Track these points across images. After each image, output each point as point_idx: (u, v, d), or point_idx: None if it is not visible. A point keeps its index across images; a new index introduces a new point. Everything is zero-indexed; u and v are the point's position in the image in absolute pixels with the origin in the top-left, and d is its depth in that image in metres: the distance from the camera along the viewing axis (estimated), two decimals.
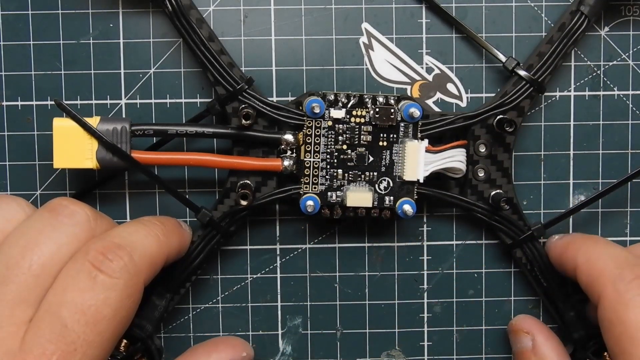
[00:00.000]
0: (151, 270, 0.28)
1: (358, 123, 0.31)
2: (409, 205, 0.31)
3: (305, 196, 0.31)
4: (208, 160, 0.31)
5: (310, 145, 0.31)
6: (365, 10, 0.34)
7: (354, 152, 0.32)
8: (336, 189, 0.32)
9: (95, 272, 0.26)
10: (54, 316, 0.25)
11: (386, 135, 0.32)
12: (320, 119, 0.31)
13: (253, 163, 0.32)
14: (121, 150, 0.30)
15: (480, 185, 0.33)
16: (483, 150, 0.33)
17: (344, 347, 0.35)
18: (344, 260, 0.35)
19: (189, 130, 0.31)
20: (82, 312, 0.25)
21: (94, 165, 0.30)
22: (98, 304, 0.25)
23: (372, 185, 0.32)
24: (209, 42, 0.31)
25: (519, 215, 0.33)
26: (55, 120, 0.30)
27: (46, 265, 0.26)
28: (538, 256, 0.33)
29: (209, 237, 0.32)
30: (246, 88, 0.31)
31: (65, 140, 0.30)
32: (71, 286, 0.25)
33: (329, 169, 0.32)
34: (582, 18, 0.32)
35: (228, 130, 0.32)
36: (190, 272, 0.32)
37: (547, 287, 0.33)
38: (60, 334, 0.25)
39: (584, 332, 0.32)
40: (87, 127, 0.30)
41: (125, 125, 0.31)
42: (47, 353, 0.24)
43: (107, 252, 0.26)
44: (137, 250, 0.27)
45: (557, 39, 0.32)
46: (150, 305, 0.32)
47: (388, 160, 0.32)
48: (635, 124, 0.34)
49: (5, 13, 0.33)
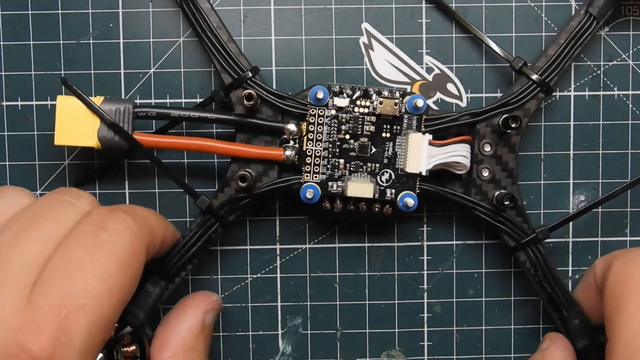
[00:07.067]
0: (152, 239, 0.28)
1: (362, 113, 0.31)
2: (411, 198, 0.31)
3: (305, 184, 0.31)
4: (209, 145, 0.31)
5: (312, 134, 0.31)
6: (365, 10, 0.34)
7: (357, 143, 0.31)
8: (337, 179, 0.31)
9: (99, 230, 0.26)
10: (61, 273, 0.24)
11: (389, 127, 0.31)
12: (323, 108, 0.31)
13: (254, 151, 0.31)
14: (122, 129, 0.30)
15: (484, 185, 0.32)
16: (488, 149, 0.32)
17: (344, 347, 0.35)
18: (344, 260, 0.35)
19: (191, 114, 0.31)
20: (89, 267, 0.25)
21: (94, 144, 0.30)
22: (105, 259, 0.25)
23: (373, 176, 0.31)
24: (217, 30, 0.31)
25: (524, 218, 0.32)
26: (59, 98, 0.30)
27: (52, 232, 0.26)
28: (542, 260, 0.32)
29: (207, 225, 0.32)
30: (251, 76, 0.31)
31: (68, 118, 0.30)
32: (77, 245, 0.25)
33: (330, 159, 0.31)
34: (591, 20, 0.32)
35: (231, 116, 0.31)
36: (186, 261, 0.31)
37: (551, 292, 0.32)
38: (69, 290, 0.24)
39: (589, 342, 0.31)
40: (90, 105, 0.30)
41: (128, 106, 0.31)
42: (57, 309, 0.24)
43: (111, 213, 0.26)
44: (137, 215, 0.28)
45: (564, 40, 0.32)
46: (144, 292, 0.31)
47: (391, 152, 0.31)
48: (635, 124, 0.34)
49: (5, 13, 0.33)
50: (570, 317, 0.32)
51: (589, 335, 0.31)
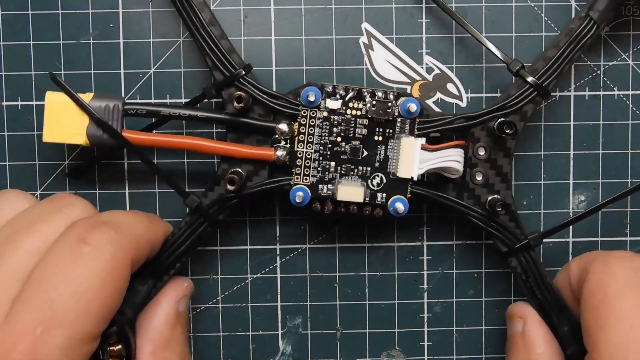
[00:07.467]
0: (137, 250, 0.28)
1: (354, 115, 0.31)
2: (401, 203, 0.31)
3: (295, 187, 0.31)
4: (199, 144, 0.31)
5: (303, 136, 0.31)
6: (365, 10, 0.34)
7: (348, 145, 0.31)
8: (327, 181, 0.31)
9: (80, 244, 0.25)
10: (39, 289, 0.24)
11: (382, 130, 0.31)
12: (315, 109, 0.31)
13: (245, 151, 0.31)
14: (111, 128, 0.30)
15: (477, 189, 0.32)
16: (482, 153, 0.32)
17: (344, 347, 0.35)
18: (344, 260, 0.35)
19: (182, 113, 0.31)
20: (66, 284, 0.24)
21: (83, 142, 0.30)
22: (83, 275, 0.25)
23: (364, 180, 0.31)
24: (210, 26, 0.31)
25: (516, 223, 0.32)
26: (48, 94, 0.30)
27: (38, 243, 0.26)
28: (534, 266, 0.31)
29: (196, 224, 0.31)
30: (243, 74, 0.31)
31: (57, 115, 0.30)
32: (57, 259, 0.25)
33: (321, 161, 0.31)
34: (591, 23, 0.31)
35: (222, 115, 0.31)
36: (175, 259, 0.31)
37: (541, 299, 0.31)
38: (45, 307, 0.24)
39: (577, 348, 0.30)
40: (78, 101, 0.30)
41: (118, 103, 0.30)
42: (32, 326, 0.24)
43: (94, 226, 0.26)
44: (122, 227, 0.27)
45: (564, 44, 0.31)
46: (132, 290, 0.30)
47: (383, 156, 0.31)
48: (635, 124, 0.34)
49: (5, 13, 0.33)
50: (561, 324, 0.31)
51: (577, 342, 0.31)
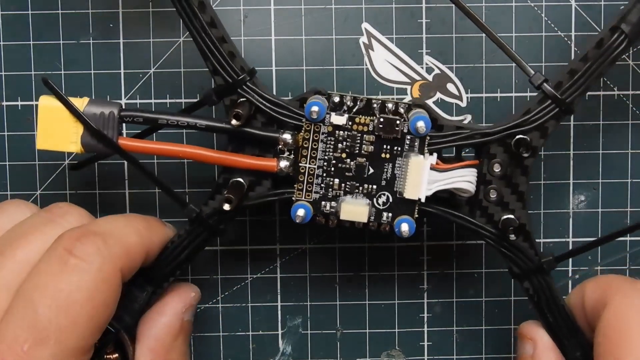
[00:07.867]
0: (128, 260, 0.27)
1: (360, 131, 0.29)
2: (407, 225, 0.29)
3: (297, 203, 0.29)
4: (199, 154, 0.29)
5: (307, 150, 0.29)
6: (365, 10, 0.34)
7: (354, 162, 0.29)
8: (331, 199, 0.29)
9: (67, 256, 0.25)
10: (27, 302, 0.24)
11: (390, 147, 0.29)
12: (319, 124, 0.29)
13: (246, 161, 0.29)
14: (106, 137, 0.28)
15: (490, 208, 0.30)
16: (497, 170, 0.29)
17: (344, 347, 0.35)
18: (344, 260, 0.35)
19: (180, 121, 0.29)
20: (53, 298, 0.24)
21: (77, 150, 0.29)
22: (70, 288, 0.24)
23: (370, 198, 0.29)
24: (210, 28, 0.28)
25: (530, 243, 0.30)
26: (41, 99, 0.28)
27: (29, 255, 0.26)
28: (547, 290, 0.30)
29: (196, 234, 0.30)
30: (247, 80, 0.29)
31: (51, 121, 0.28)
32: (43, 271, 0.25)
33: (325, 177, 0.29)
34: (622, 37, 0.28)
35: (222, 124, 0.29)
36: (175, 267, 0.30)
37: (552, 322, 0.30)
38: (31, 321, 0.24)
39: None
40: (72, 109, 0.28)
41: (113, 110, 0.28)
42: (19, 341, 0.23)
43: (81, 237, 0.26)
44: (112, 237, 0.27)
45: (592, 57, 0.28)
46: (130, 296, 0.29)
47: (390, 174, 0.29)
48: (635, 124, 0.34)
49: (5, 13, 0.33)
50: (572, 348, 0.30)
51: None
